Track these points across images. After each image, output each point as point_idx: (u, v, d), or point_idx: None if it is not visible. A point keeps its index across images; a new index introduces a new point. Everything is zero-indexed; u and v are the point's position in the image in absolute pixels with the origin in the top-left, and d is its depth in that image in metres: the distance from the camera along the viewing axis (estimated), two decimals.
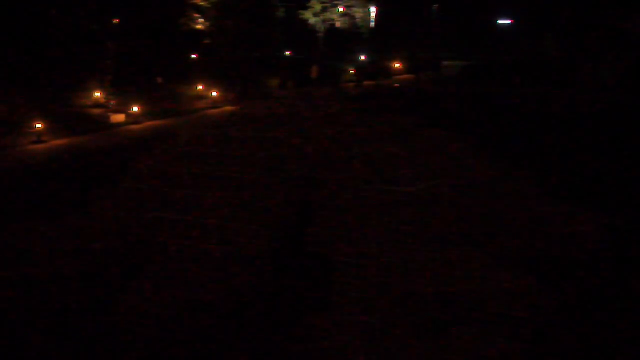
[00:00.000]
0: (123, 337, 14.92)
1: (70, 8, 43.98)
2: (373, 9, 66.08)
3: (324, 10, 62.87)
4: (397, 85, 52.22)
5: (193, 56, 52.55)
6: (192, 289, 16.88)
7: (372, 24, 66.52)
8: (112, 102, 40.57)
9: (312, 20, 62.74)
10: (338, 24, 64.25)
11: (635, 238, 19.47)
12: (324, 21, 63.06)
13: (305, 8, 62.43)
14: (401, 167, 25.39)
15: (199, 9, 53.65)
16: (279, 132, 26.15)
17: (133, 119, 38.15)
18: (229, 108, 41.40)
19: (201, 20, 54.18)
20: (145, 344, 14.68)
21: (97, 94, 41.19)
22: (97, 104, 40.57)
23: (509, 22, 64.41)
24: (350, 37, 63.29)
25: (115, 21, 46.39)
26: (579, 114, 37.82)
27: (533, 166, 26.43)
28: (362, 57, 59.24)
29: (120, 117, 38.36)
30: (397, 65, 57.81)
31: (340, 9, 63.67)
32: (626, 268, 17.72)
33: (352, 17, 64.77)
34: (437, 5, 68.62)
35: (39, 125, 32.79)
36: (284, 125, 26.98)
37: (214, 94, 43.26)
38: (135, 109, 38.59)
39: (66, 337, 14.99)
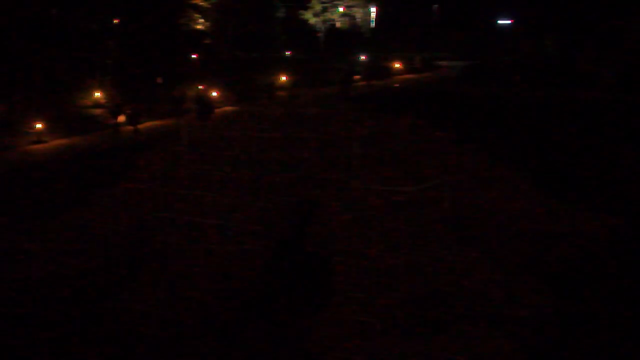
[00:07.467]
0: (122, 335, 14.95)
1: (70, 8, 43.96)
2: (373, 9, 66.11)
3: (324, 10, 62.89)
4: (397, 85, 52.22)
5: (193, 56, 52.54)
6: (192, 288, 16.92)
7: (372, 24, 66.54)
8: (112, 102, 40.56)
9: (312, 20, 62.76)
10: (338, 24, 64.28)
11: (635, 238, 19.50)
12: (324, 21, 63.08)
13: (305, 8, 62.43)
14: (401, 167, 25.44)
15: (199, 9, 53.66)
16: (278, 132, 26.20)
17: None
18: (228, 108, 41.42)
19: (201, 20, 54.19)
20: (144, 343, 14.71)
21: (97, 94, 41.19)
22: (97, 104, 40.56)
23: (509, 22, 64.40)
24: (350, 37, 63.28)
25: (115, 21, 46.36)
26: (579, 114, 37.88)
27: (533, 166, 26.47)
28: (362, 57, 59.24)
29: (120, 117, 38.35)
30: (397, 65, 57.82)
31: (340, 9, 63.70)
32: (626, 267, 17.74)
33: (352, 17, 64.82)
34: (437, 5, 68.67)
35: (39, 125, 32.78)
36: (283, 125, 27.02)
37: (214, 93, 43.25)
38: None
39: (66, 336, 15.02)
